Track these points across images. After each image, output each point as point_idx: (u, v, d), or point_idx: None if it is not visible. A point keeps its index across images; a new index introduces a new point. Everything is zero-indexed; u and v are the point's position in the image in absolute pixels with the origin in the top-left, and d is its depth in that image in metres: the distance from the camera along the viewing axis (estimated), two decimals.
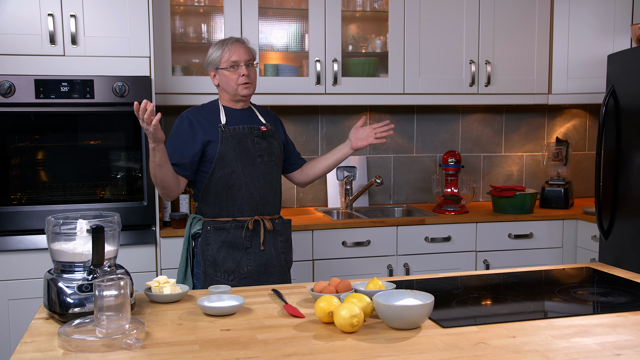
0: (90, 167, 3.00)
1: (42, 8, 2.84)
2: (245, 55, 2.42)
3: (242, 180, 2.41)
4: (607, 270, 2.20)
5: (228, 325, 1.62)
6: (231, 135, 2.40)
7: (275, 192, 2.51)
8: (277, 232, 2.49)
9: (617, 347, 1.44)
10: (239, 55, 2.41)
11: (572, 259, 3.56)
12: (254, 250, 2.42)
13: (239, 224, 2.41)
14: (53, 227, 1.67)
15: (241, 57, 2.42)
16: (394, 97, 3.55)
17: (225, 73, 2.43)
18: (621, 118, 3.01)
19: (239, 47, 2.43)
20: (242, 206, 2.42)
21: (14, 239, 2.85)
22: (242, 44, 2.46)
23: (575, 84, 3.71)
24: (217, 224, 2.41)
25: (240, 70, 2.41)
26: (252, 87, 2.47)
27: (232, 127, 2.42)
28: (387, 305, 1.55)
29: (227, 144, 2.39)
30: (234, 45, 2.43)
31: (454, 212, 3.54)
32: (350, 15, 3.68)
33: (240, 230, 2.41)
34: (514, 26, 3.67)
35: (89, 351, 1.43)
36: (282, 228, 2.52)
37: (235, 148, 2.40)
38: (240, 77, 2.41)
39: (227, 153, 2.38)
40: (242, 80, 2.41)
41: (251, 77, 2.44)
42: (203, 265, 2.41)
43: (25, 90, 2.81)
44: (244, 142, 2.42)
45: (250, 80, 2.44)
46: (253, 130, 2.45)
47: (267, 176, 2.47)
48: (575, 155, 4.20)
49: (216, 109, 2.48)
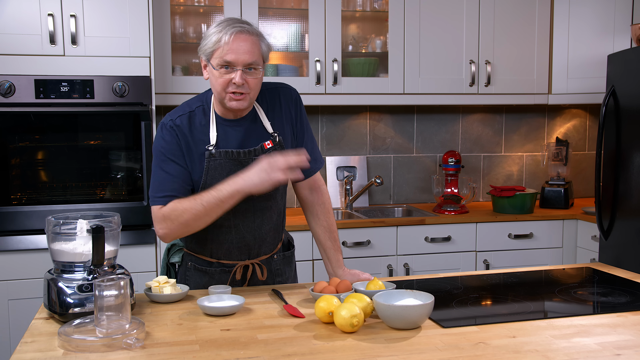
0: (90, 167, 3.00)
1: (42, 8, 2.84)
2: (245, 55, 1.75)
3: (231, 222, 1.89)
4: (607, 270, 2.20)
5: (228, 325, 1.61)
6: (220, 164, 1.83)
7: (276, 227, 2.00)
8: (274, 272, 2.04)
9: (617, 347, 1.44)
10: (236, 54, 1.74)
11: (572, 259, 3.56)
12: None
13: (225, 268, 1.96)
14: (53, 227, 1.67)
15: (239, 57, 1.74)
16: (394, 97, 3.55)
17: (214, 72, 1.78)
18: (621, 118, 3.01)
19: (240, 42, 1.75)
20: (229, 250, 1.95)
21: (14, 239, 2.85)
22: (247, 38, 1.76)
23: (575, 84, 3.70)
24: (199, 264, 1.98)
25: (232, 75, 1.76)
26: (248, 99, 1.80)
27: (224, 151, 1.83)
28: (387, 305, 1.55)
29: (214, 176, 1.82)
30: (234, 37, 1.74)
31: (454, 212, 3.54)
32: (350, 15, 3.68)
33: (227, 274, 1.96)
34: (514, 26, 3.67)
35: (89, 351, 1.42)
36: (283, 264, 2.06)
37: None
38: (229, 84, 1.77)
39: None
40: (232, 89, 1.77)
41: (249, 86, 1.78)
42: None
43: (25, 90, 2.81)
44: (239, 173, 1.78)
45: (246, 90, 1.78)
46: (252, 154, 1.86)
47: (267, 212, 1.94)
48: (575, 155, 4.20)
49: (206, 117, 1.86)
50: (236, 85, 1.76)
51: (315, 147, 2.04)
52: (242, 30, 1.76)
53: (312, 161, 1.92)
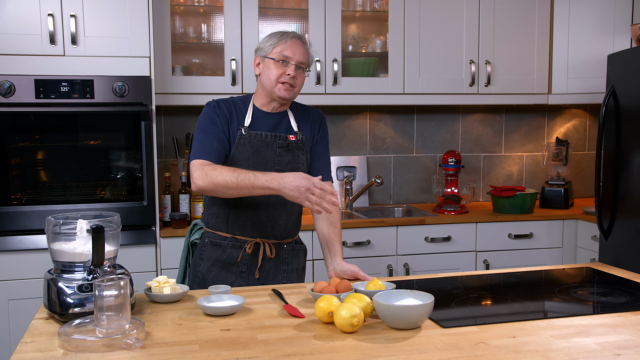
0: (90, 167, 3.00)
1: (42, 8, 2.84)
2: (300, 56, 2.12)
3: (249, 197, 2.09)
4: (607, 270, 2.20)
5: (228, 325, 1.61)
6: (249, 142, 2.12)
7: (289, 214, 2.19)
8: (281, 259, 2.21)
9: (617, 347, 1.44)
10: (293, 52, 2.11)
11: (572, 259, 3.56)
12: (249, 276, 2.16)
13: (237, 243, 2.15)
14: (53, 227, 1.67)
15: (295, 55, 2.11)
16: (394, 97, 3.55)
17: (271, 64, 2.12)
18: (621, 118, 3.01)
19: (298, 45, 2.13)
20: (244, 225, 2.15)
21: (14, 239, 2.85)
22: (303, 45, 2.15)
23: (575, 84, 3.71)
24: (215, 239, 2.17)
25: (287, 68, 2.11)
26: (294, 93, 2.15)
27: (254, 132, 2.14)
28: (387, 305, 1.55)
29: (242, 151, 2.12)
30: (293, 40, 2.13)
31: (454, 212, 3.54)
32: (350, 15, 3.68)
33: (238, 251, 2.15)
34: (514, 26, 3.67)
35: (89, 351, 1.42)
36: (291, 256, 2.23)
37: (250, 157, 2.12)
38: (284, 75, 2.10)
39: (240, 162, 2.11)
40: (285, 79, 2.11)
41: (297, 82, 2.14)
42: (191, 281, 2.20)
43: (25, 90, 2.81)
44: (262, 153, 2.13)
45: (295, 84, 2.13)
46: (277, 139, 2.16)
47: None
48: (575, 155, 4.20)
49: (245, 107, 2.19)
50: (289, 76, 2.10)
51: (328, 164, 2.30)
52: (299, 37, 2.17)
53: (326, 172, 2.26)
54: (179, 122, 3.59)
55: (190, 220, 3.23)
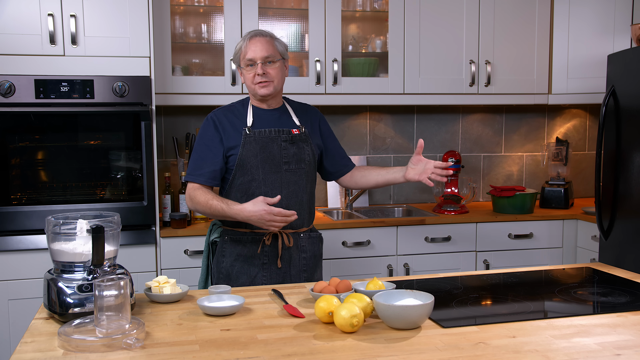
0: (90, 167, 3.00)
1: (42, 8, 2.84)
2: (262, 52, 2.22)
3: (262, 190, 2.24)
4: (607, 270, 2.20)
5: (228, 325, 1.62)
6: (255, 139, 2.24)
7: (301, 203, 2.30)
8: (300, 248, 2.32)
9: (617, 347, 1.44)
10: (254, 52, 2.22)
11: (572, 259, 3.56)
12: (271, 266, 2.27)
13: (255, 237, 2.26)
14: (53, 227, 1.67)
15: (257, 54, 2.22)
16: (394, 97, 3.55)
17: (243, 71, 2.27)
18: (621, 118, 3.01)
19: (256, 42, 2.23)
20: None
21: (14, 239, 2.86)
22: (260, 39, 2.24)
23: (575, 84, 3.71)
24: (234, 235, 2.28)
25: (256, 69, 2.23)
26: (272, 86, 2.25)
27: (258, 130, 2.26)
28: (387, 305, 1.55)
29: (249, 149, 2.24)
30: (251, 40, 2.24)
31: (454, 212, 3.54)
32: (350, 15, 3.68)
33: (257, 244, 2.26)
34: (514, 26, 3.67)
35: (89, 351, 1.43)
36: (308, 243, 2.35)
37: (258, 154, 2.24)
38: (256, 76, 2.23)
39: (249, 159, 2.23)
40: (257, 80, 2.23)
41: (270, 75, 2.24)
42: (217, 278, 2.31)
43: (25, 90, 2.81)
44: (269, 147, 2.25)
45: (269, 79, 2.24)
46: (281, 133, 2.28)
47: (293, 186, 2.28)
48: (575, 155, 4.20)
49: (244, 109, 2.32)
50: (259, 75, 2.22)
51: (344, 151, 2.52)
52: (256, 34, 2.26)
53: (346, 162, 2.48)
54: (179, 122, 3.59)
55: (190, 221, 3.23)
